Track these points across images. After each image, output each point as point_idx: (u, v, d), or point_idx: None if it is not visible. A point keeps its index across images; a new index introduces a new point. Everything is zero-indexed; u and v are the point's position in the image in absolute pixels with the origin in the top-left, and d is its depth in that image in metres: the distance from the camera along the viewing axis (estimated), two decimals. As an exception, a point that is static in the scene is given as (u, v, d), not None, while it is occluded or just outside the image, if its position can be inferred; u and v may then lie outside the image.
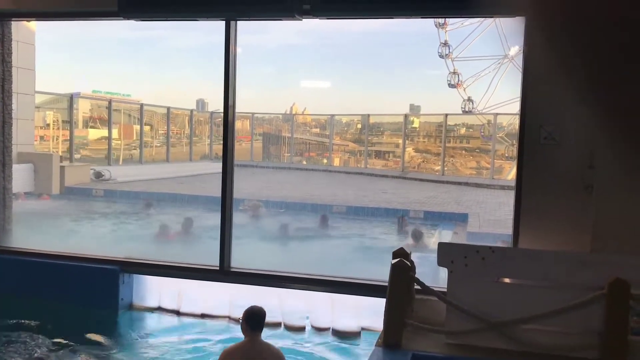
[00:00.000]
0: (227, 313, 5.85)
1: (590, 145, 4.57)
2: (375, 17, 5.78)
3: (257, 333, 4.36)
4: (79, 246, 6.74)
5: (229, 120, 5.72)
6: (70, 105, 17.88)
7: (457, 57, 23.75)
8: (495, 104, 24.08)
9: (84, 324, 5.58)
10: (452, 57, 23.75)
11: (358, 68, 26.67)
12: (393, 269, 4.08)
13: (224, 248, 5.67)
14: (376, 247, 10.17)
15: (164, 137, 22.06)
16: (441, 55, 23.57)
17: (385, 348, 3.96)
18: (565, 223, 4.64)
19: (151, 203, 13.25)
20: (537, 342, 3.91)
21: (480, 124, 23.36)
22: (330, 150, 23.78)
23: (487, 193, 16.21)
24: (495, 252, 4.10)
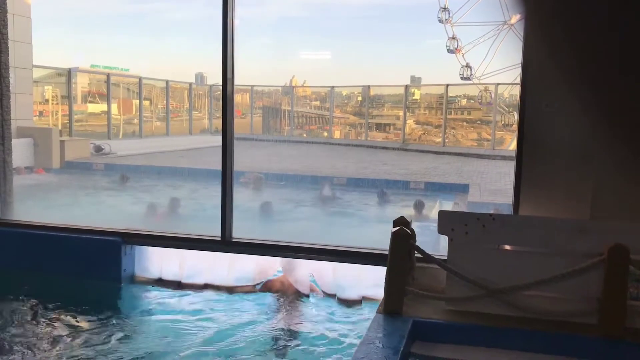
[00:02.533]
0: (230, 283, 5.89)
1: (590, 114, 4.53)
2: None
3: None
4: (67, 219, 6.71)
5: (227, 93, 5.67)
6: (69, 79, 17.82)
7: (456, 22, 23.52)
8: (494, 70, 23.90)
9: (87, 295, 5.61)
10: (451, 23, 23.52)
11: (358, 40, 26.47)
12: (393, 236, 4.10)
13: (225, 219, 5.68)
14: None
15: (164, 110, 22.00)
16: (440, 20, 23.32)
17: (386, 315, 4.00)
18: (566, 190, 4.64)
19: (127, 177, 13.31)
20: (537, 308, 3.95)
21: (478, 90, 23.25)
22: (331, 123, 23.74)
23: (488, 164, 16.23)
24: (496, 219, 4.12)
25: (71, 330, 4.91)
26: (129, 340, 4.75)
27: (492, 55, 23.57)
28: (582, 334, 3.77)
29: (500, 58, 23.58)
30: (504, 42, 22.85)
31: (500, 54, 23.45)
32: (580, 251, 3.90)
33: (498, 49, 23.31)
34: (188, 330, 4.95)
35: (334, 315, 5.32)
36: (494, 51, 23.49)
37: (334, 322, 5.16)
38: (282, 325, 5.06)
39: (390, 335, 3.71)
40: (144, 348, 4.60)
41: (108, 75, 19.56)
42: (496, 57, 23.57)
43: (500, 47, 23.10)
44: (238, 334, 4.87)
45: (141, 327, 5.10)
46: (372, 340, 3.60)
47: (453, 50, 23.67)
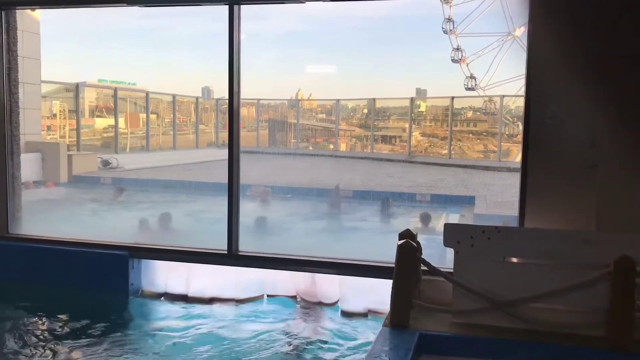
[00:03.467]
0: (236, 296, 5.90)
1: (595, 124, 4.55)
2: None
3: None
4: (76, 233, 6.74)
5: (234, 106, 5.72)
6: (77, 94, 17.95)
7: (461, 33, 23.63)
8: (498, 81, 23.96)
9: (94, 309, 5.64)
10: (456, 33, 23.62)
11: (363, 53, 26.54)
12: (399, 249, 4.11)
13: (231, 232, 5.71)
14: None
15: (170, 124, 22.12)
16: (445, 31, 23.45)
17: (392, 328, 4.00)
18: (571, 202, 4.64)
19: (123, 189, 13.34)
20: (544, 320, 3.94)
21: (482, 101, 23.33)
22: (337, 136, 23.76)
23: (494, 175, 16.20)
24: (501, 231, 4.12)
25: (79, 344, 4.94)
26: (136, 354, 4.76)
27: (496, 66, 23.65)
28: (589, 346, 3.76)
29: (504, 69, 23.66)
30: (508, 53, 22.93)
31: (504, 65, 23.53)
32: (586, 263, 3.89)
33: (502, 60, 23.39)
34: (195, 343, 4.97)
35: (339, 328, 5.32)
36: (498, 62, 23.57)
37: (339, 335, 5.15)
38: (288, 339, 5.07)
39: (396, 349, 3.71)
40: None
41: (115, 90, 19.69)
42: (500, 68, 23.66)
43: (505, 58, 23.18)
44: (244, 346, 4.89)
45: (148, 340, 5.11)
46: (378, 353, 3.60)
47: (457, 61, 23.76)
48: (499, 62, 23.84)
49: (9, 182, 6.42)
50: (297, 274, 5.80)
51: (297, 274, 5.79)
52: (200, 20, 24.61)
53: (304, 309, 5.74)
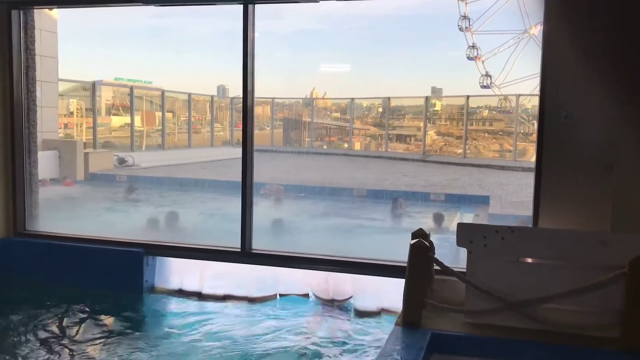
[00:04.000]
0: (249, 294, 5.94)
1: (611, 124, 4.52)
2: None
3: None
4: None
5: (248, 105, 5.75)
6: (93, 92, 18.11)
7: (476, 30, 23.49)
8: (514, 79, 23.75)
9: (109, 306, 5.70)
10: (471, 31, 23.48)
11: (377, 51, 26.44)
12: (412, 249, 4.11)
13: (245, 230, 5.75)
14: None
15: (186, 123, 22.24)
16: (461, 28, 23.30)
17: (404, 327, 4.00)
18: (585, 203, 4.61)
19: (134, 188, 13.38)
20: (557, 321, 3.92)
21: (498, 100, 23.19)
22: (351, 135, 23.73)
23: (510, 175, 16.10)
24: (515, 232, 4.10)
25: (93, 341, 4.99)
26: (150, 351, 4.80)
27: (512, 64, 23.48)
28: (603, 348, 3.74)
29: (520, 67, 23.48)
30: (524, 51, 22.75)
31: (520, 63, 23.35)
32: (600, 264, 3.87)
33: (518, 58, 23.22)
34: (208, 341, 5.00)
35: (352, 326, 5.33)
36: (514, 60, 23.40)
37: (352, 334, 5.17)
38: (301, 336, 5.08)
39: (408, 348, 3.71)
40: (166, 358, 4.65)
41: (131, 88, 19.83)
42: (516, 66, 23.48)
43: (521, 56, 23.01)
44: (256, 343, 4.92)
45: (161, 337, 5.16)
46: (390, 352, 3.61)
47: (473, 58, 23.62)
48: (514, 60, 23.65)
49: (26, 180, 6.50)
50: (310, 273, 5.81)
51: (310, 273, 5.81)
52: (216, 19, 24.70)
53: (316, 307, 5.76)
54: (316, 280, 5.89)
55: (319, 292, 5.87)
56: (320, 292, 5.87)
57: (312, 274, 5.83)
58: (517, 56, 23.22)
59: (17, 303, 5.68)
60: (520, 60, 23.12)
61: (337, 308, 5.72)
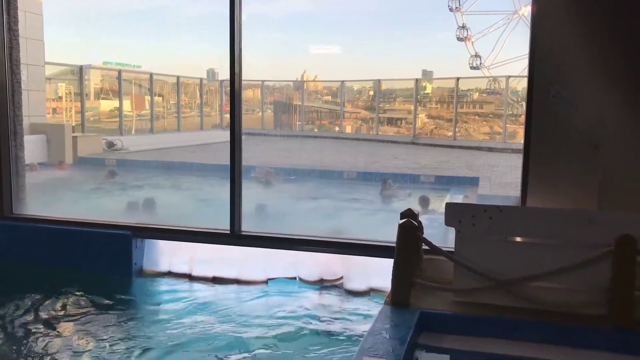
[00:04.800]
0: (239, 276, 5.93)
1: (599, 105, 4.51)
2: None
3: None
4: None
5: (235, 88, 5.69)
6: (81, 76, 17.95)
7: (466, 10, 23.49)
8: (503, 60, 23.79)
9: (97, 289, 5.65)
10: (461, 11, 23.48)
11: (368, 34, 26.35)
12: (400, 229, 4.11)
13: (234, 212, 5.72)
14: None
15: (175, 106, 22.12)
16: (451, 8, 23.32)
17: (393, 306, 4.01)
18: (573, 182, 4.62)
19: (115, 172, 13.33)
20: (545, 299, 3.94)
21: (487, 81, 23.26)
22: (342, 118, 23.71)
23: (499, 157, 16.17)
24: (503, 211, 4.11)
25: (82, 324, 4.97)
26: (140, 333, 4.80)
27: (501, 45, 23.50)
28: (591, 325, 3.76)
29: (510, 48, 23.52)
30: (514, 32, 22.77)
31: (509, 44, 23.39)
32: (588, 242, 3.88)
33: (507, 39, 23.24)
34: (198, 323, 5.00)
35: (342, 306, 5.35)
36: (504, 41, 23.42)
37: (341, 313, 5.19)
38: (290, 317, 5.09)
39: (397, 326, 3.72)
40: (156, 340, 4.65)
41: (119, 72, 19.66)
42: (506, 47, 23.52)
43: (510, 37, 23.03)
44: (247, 325, 4.92)
45: (151, 319, 5.15)
46: (379, 331, 3.62)
47: (463, 39, 23.63)
48: (504, 41, 23.70)
49: (13, 163, 6.43)
50: (299, 255, 5.81)
51: (300, 255, 5.80)
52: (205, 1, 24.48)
53: (306, 288, 5.77)
54: (306, 262, 5.88)
55: (308, 274, 5.87)
56: (310, 274, 5.87)
57: (302, 256, 5.83)
58: (507, 37, 23.25)
59: (4, 286, 5.65)
60: (510, 41, 23.17)
61: (326, 289, 5.73)
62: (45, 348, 4.51)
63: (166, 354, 4.44)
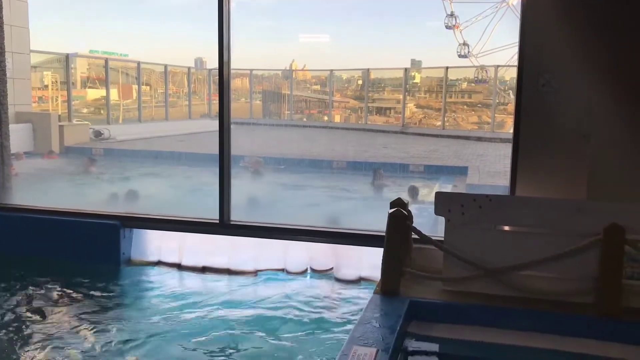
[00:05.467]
0: (228, 266, 5.92)
1: (588, 93, 4.52)
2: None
3: None
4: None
5: (224, 77, 5.65)
6: (67, 64, 17.75)
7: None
8: (491, 49, 23.86)
9: (86, 279, 5.62)
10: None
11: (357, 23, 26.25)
12: (390, 218, 4.11)
13: (223, 202, 5.70)
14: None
15: (163, 95, 21.96)
16: (440, -5, 23.40)
17: (383, 295, 4.01)
18: (562, 171, 4.64)
19: (94, 159, 13.24)
20: (534, 287, 3.96)
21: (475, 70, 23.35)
22: (331, 107, 23.66)
23: (488, 146, 16.23)
24: (492, 200, 4.11)
25: (71, 314, 4.94)
26: (129, 323, 4.77)
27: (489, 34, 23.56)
28: (578, 313, 3.79)
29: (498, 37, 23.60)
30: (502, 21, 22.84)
31: (497, 33, 23.47)
32: (576, 231, 3.90)
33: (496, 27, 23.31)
34: (187, 313, 4.98)
35: (332, 295, 5.36)
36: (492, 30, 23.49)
37: (331, 302, 5.19)
38: (280, 307, 5.08)
39: (387, 315, 3.72)
40: (144, 330, 4.63)
41: (106, 60, 19.46)
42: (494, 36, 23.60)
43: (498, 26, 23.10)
44: (236, 316, 4.91)
45: (140, 309, 5.12)
46: (369, 320, 3.62)
47: (451, 27, 23.67)
48: (492, 30, 23.76)
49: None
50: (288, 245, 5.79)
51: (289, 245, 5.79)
52: (192, -11, 24.25)
53: (296, 277, 5.77)
54: (295, 251, 5.87)
55: (298, 263, 5.86)
56: (299, 263, 5.86)
57: (291, 246, 5.81)
58: (495, 26, 23.30)
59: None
60: (498, 30, 23.23)
61: (316, 278, 5.73)
62: (31, 337, 4.48)
63: (153, 344, 4.42)
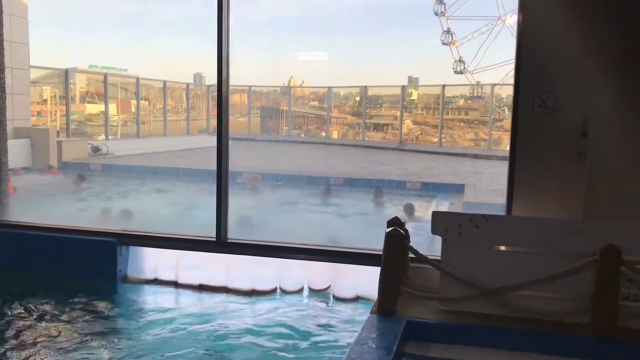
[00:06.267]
0: (225, 284, 5.90)
1: (584, 113, 4.56)
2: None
3: None
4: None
5: (223, 93, 5.67)
6: (66, 79, 17.81)
7: (452, 15, 23.81)
8: (487, 66, 24.09)
9: (82, 296, 5.60)
10: (447, 16, 23.79)
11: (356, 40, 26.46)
12: (387, 237, 4.12)
13: (220, 219, 5.69)
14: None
15: (162, 111, 22.02)
16: (436, 13, 23.64)
17: (380, 315, 4.01)
18: (559, 190, 4.66)
19: (84, 177, 13.24)
20: (530, 307, 3.97)
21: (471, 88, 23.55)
22: (328, 123, 23.73)
23: (485, 164, 16.26)
24: (489, 220, 4.13)
25: (67, 331, 4.91)
26: (124, 341, 4.75)
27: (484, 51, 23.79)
28: (575, 334, 3.79)
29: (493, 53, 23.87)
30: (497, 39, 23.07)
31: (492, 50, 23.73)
32: (573, 251, 3.91)
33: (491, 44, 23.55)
34: (183, 330, 4.96)
35: (329, 314, 5.34)
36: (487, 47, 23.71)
37: (328, 321, 5.17)
38: (276, 325, 5.07)
39: (383, 336, 3.72)
40: (140, 347, 4.61)
41: (105, 76, 19.52)
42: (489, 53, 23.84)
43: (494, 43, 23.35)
44: (231, 334, 4.89)
45: (136, 327, 5.10)
46: (365, 340, 3.62)
47: (447, 44, 23.90)
48: (487, 47, 24.00)
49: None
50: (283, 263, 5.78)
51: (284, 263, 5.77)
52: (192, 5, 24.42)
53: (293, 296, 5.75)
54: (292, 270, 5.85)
55: (294, 283, 5.85)
56: (296, 282, 5.85)
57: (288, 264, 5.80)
58: (491, 43, 23.52)
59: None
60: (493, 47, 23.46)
61: (314, 296, 5.71)
62: (26, 354, 4.45)
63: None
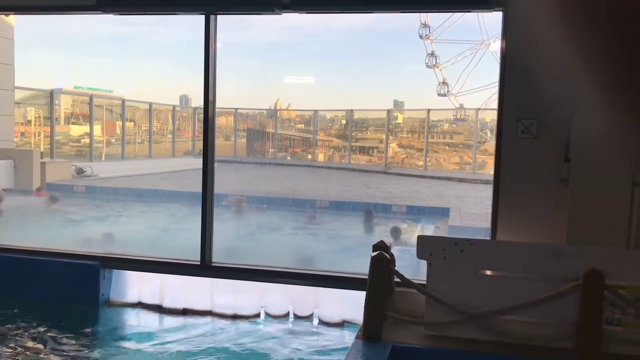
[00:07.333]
0: (209, 307, 5.84)
1: (567, 139, 4.62)
2: (354, 12, 5.82)
3: None
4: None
5: (209, 115, 5.69)
6: (51, 100, 17.74)
7: (436, 39, 24.26)
8: (471, 89, 24.47)
9: (64, 320, 5.53)
10: (431, 39, 24.23)
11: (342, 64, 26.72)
12: (373, 261, 4.11)
13: (205, 243, 5.65)
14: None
15: (147, 133, 21.98)
16: (421, 36, 24.07)
17: (365, 340, 3.99)
18: (542, 216, 4.70)
19: (57, 198, 13.15)
20: (515, 332, 3.97)
21: (454, 108, 23.91)
22: (314, 146, 23.81)
23: (469, 187, 16.38)
24: (474, 244, 4.15)
25: (47, 357, 4.83)
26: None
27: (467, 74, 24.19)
28: (559, 359, 3.79)
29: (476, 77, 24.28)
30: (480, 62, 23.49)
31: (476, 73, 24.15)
32: (557, 276, 3.93)
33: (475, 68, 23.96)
34: (165, 355, 4.90)
35: (314, 338, 5.30)
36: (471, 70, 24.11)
37: (313, 346, 5.13)
38: (261, 351, 5.02)
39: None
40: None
41: (91, 97, 19.47)
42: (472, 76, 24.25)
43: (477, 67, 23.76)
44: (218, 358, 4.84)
45: (117, 352, 5.03)
46: (350, 365, 3.59)
47: (431, 67, 24.29)
48: (471, 70, 24.41)
49: (-22, 190, 6.29)
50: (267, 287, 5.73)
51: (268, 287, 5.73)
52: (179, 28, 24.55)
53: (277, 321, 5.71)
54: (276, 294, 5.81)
55: (279, 307, 5.80)
56: (281, 306, 5.80)
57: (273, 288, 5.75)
58: (474, 66, 23.92)
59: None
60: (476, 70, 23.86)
61: (298, 320, 5.67)
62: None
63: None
